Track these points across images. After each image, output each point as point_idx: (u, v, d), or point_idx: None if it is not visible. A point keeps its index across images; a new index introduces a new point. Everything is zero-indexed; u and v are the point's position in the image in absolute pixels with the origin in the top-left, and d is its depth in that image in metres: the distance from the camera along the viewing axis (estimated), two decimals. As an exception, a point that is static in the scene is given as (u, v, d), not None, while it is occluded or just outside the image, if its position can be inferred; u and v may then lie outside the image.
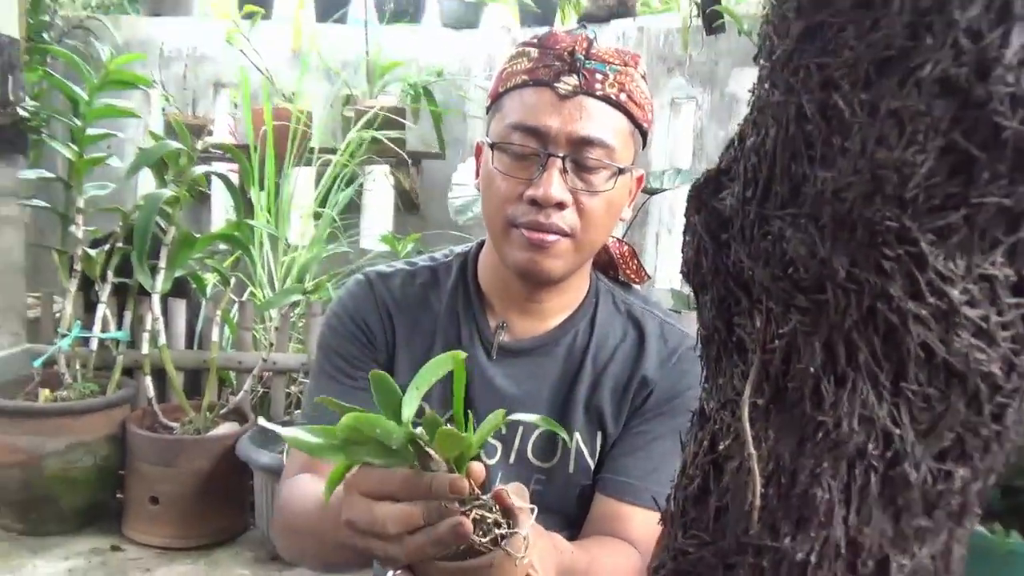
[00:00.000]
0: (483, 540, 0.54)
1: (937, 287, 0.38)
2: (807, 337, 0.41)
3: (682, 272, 0.49)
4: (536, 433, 0.91)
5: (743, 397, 0.43)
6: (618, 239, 1.01)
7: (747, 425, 0.43)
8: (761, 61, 0.43)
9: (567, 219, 0.84)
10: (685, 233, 0.48)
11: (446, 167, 3.04)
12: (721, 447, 0.46)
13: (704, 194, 0.46)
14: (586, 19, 3.10)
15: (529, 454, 0.91)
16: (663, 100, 2.89)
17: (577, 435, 0.91)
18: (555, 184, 0.82)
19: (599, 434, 0.92)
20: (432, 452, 0.54)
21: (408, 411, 0.54)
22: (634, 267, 1.00)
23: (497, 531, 0.54)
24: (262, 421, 0.60)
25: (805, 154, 0.39)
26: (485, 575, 0.56)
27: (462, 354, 0.60)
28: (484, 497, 0.55)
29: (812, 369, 0.41)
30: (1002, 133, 0.35)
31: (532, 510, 0.57)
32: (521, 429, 0.91)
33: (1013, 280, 0.40)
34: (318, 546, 0.80)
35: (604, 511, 0.88)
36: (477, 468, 0.58)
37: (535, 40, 0.87)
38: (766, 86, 0.42)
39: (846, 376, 0.40)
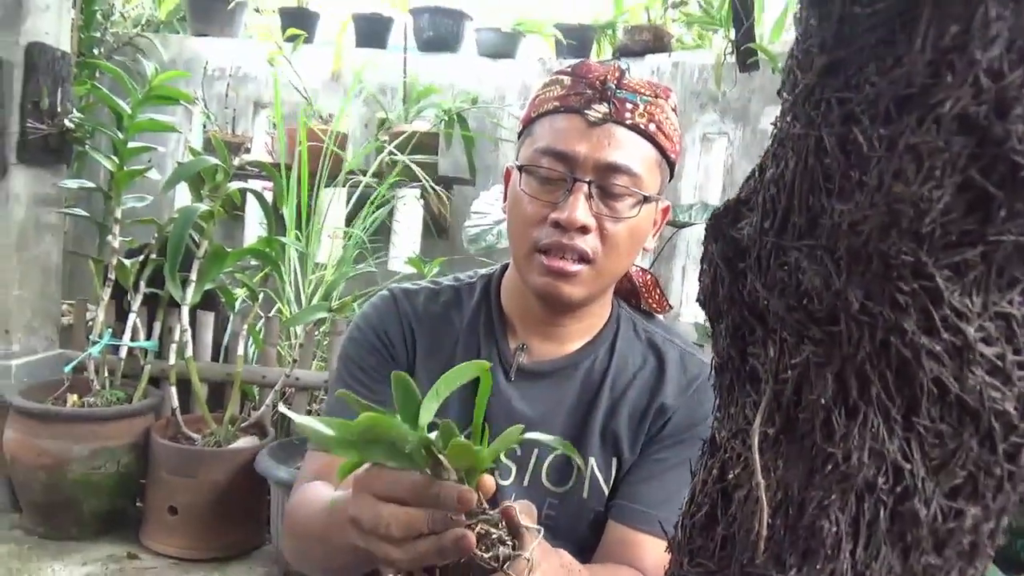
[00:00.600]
0: (486, 555, 0.54)
1: (952, 323, 0.38)
2: (819, 368, 0.41)
3: (698, 300, 0.49)
4: (551, 457, 0.91)
5: (754, 426, 0.43)
6: (641, 268, 1.02)
7: (756, 454, 0.43)
8: (784, 95, 0.44)
9: (589, 243, 0.84)
10: (703, 262, 0.49)
11: (476, 193, 3.07)
12: (730, 476, 0.46)
13: (723, 223, 0.46)
14: (621, 53, 3.13)
15: (543, 478, 0.91)
16: (695, 135, 2.90)
17: (592, 460, 0.91)
18: (580, 208, 0.83)
19: (614, 460, 0.91)
20: (444, 460, 0.54)
21: (426, 416, 0.54)
22: (656, 296, 1.01)
23: (501, 548, 0.54)
24: (282, 407, 0.59)
25: (823, 187, 0.40)
26: None
27: (487, 364, 0.61)
28: (491, 512, 0.55)
29: (823, 400, 0.41)
30: (1020, 171, 0.35)
31: (539, 531, 0.57)
32: (536, 452, 0.91)
33: (1031, 320, 0.39)
34: (322, 551, 0.81)
35: (617, 538, 0.88)
36: (488, 481, 0.58)
37: (569, 68, 0.89)
38: (788, 119, 0.43)
39: (857, 409, 0.40)
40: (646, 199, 0.86)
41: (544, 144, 0.86)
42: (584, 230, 0.84)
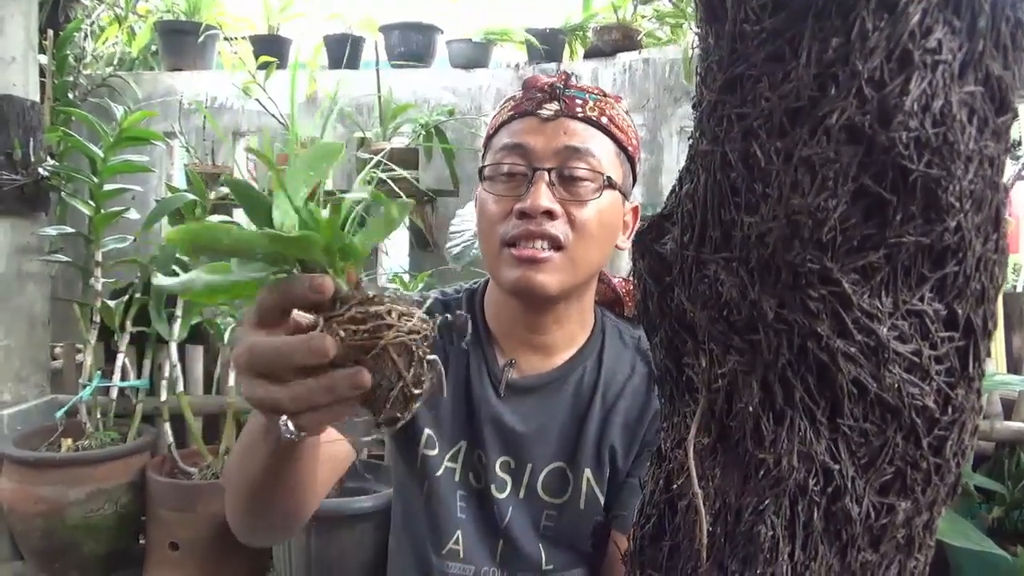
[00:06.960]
0: (395, 339, 0.46)
1: (864, 324, 0.39)
2: (745, 376, 0.42)
3: (633, 315, 0.50)
4: (547, 468, 0.91)
5: (689, 435, 0.44)
6: (623, 277, 1.01)
7: (692, 463, 0.43)
8: (694, 111, 0.45)
9: (558, 229, 0.84)
10: (633, 276, 0.49)
11: (460, 204, 3.08)
12: (675, 486, 0.47)
13: (647, 239, 0.47)
14: (592, 54, 3.14)
15: (539, 490, 0.91)
16: (672, 129, 2.91)
17: (588, 472, 0.90)
18: (543, 194, 0.84)
19: (609, 470, 0.90)
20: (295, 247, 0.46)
21: (279, 215, 0.46)
22: None
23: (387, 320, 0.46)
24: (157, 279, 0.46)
25: (732, 200, 0.41)
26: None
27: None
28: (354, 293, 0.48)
29: (751, 407, 0.42)
30: (909, 176, 0.36)
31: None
32: (531, 466, 0.91)
33: (944, 314, 0.40)
34: (244, 500, 0.72)
35: (618, 548, 0.87)
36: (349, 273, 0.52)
37: (520, 87, 0.92)
38: (697, 134, 0.44)
39: (784, 414, 0.41)
40: (609, 182, 0.87)
41: (502, 144, 0.88)
42: (550, 215, 0.84)
